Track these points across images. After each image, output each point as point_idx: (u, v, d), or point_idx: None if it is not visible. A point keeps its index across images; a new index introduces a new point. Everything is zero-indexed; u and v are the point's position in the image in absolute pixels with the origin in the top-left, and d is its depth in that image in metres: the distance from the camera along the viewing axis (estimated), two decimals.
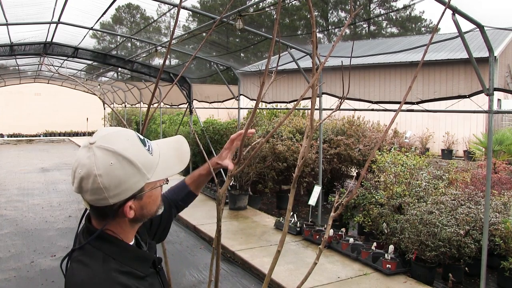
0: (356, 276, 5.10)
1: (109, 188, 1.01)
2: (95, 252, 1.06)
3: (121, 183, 1.02)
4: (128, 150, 1.04)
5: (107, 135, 1.06)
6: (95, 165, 1.01)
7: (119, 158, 1.02)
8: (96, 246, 1.07)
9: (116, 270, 1.04)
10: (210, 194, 9.38)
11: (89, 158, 1.02)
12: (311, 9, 1.27)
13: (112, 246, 1.09)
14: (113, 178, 1.01)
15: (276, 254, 1.49)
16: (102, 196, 1.02)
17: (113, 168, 1.01)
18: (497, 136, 10.38)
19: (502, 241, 4.81)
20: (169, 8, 7.95)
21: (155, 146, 1.14)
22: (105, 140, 1.04)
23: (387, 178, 6.05)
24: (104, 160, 1.01)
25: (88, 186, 1.01)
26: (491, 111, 4.37)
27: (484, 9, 8.38)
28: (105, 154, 1.02)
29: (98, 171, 1.00)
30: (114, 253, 1.08)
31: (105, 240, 1.08)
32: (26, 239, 6.72)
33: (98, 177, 1.00)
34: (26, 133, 25.42)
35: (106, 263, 1.04)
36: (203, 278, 5.35)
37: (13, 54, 8.71)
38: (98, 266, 1.03)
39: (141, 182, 1.06)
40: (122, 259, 1.08)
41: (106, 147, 1.02)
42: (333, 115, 10.13)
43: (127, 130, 1.11)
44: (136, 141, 1.08)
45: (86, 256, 1.06)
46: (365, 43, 16.46)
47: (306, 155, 1.42)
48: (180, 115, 17.11)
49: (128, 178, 1.03)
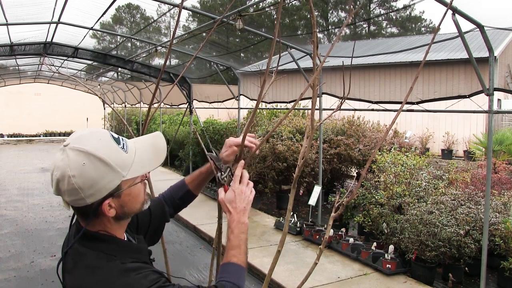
0: (356, 276, 5.10)
1: (84, 188, 1.03)
2: (97, 254, 1.08)
3: (95, 183, 1.04)
4: (100, 149, 1.06)
5: (80, 136, 1.08)
6: (68, 167, 1.03)
7: (91, 157, 1.04)
8: (94, 248, 1.09)
9: (123, 263, 1.07)
10: (210, 194, 9.38)
11: (63, 160, 1.04)
12: (312, 9, 1.27)
13: (109, 244, 1.11)
14: (87, 178, 1.03)
15: (276, 254, 1.50)
16: (79, 196, 1.04)
17: (85, 168, 1.03)
18: (497, 136, 10.38)
19: (502, 241, 4.81)
20: (169, 8, 7.95)
21: (131, 144, 1.15)
22: (78, 141, 1.06)
23: (387, 178, 6.05)
24: (76, 161, 1.03)
25: (64, 187, 1.04)
26: (491, 111, 4.37)
27: (484, 9, 8.32)
28: (77, 155, 1.04)
29: (72, 172, 1.03)
30: (114, 251, 1.10)
31: (100, 240, 1.10)
32: (26, 239, 6.72)
33: (72, 178, 1.02)
34: (26, 133, 25.40)
35: (111, 261, 1.07)
36: (203, 278, 5.35)
37: (13, 54, 8.70)
38: (104, 266, 1.06)
39: (116, 181, 1.07)
40: (122, 254, 1.10)
41: (78, 148, 1.05)
42: (333, 115, 10.13)
43: (101, 130, 1.13)
44: (109, 140, 1.09)
45: (86, 260, 1.07)
46: (365, 43, 16.46)
47: (306, 155, 1.41)
48: (180, 115, 17.12)
49: (101, 177, 1.05)
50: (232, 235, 1.26)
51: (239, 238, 1.26)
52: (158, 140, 1.21)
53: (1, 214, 8.18)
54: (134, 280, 1.03)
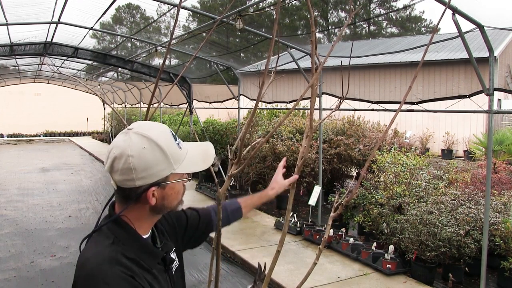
0: (356, 276, 5.10)
1: (138, 170, 1.10)
2: (109, 235, 1.14)
3: (149, 167, 1.11)
4: (160, 138, 1.14)
5: (144, 125, 1.17)
6: (129, 147, 1.10)
7: (152, 143, 1.12)
8: (111, 229, 1.15)
9: (122, 254, 1.09)
10: (210, 194, 9.37)
11: (124, 141, 1.12)
12: (310, 9, 1.27)
13: (124, 232, 1.15)
14: (143, 161, 1.10)
15: (276, 254, 1.49)
16: (130, 177, 1.10)
17: (144, 152, 1.11)
18: (497, 136, 10.38)
19: (502, 241, 4.81)
20: (169, 8, 7.95)
21: (185, 145, 1.24)
22: (142, 128, 1.14)
23: (387, 178, 6.05)
24: (138, 143, 1.11)
25: (119, 165, 1.10)
26: (491, 111, 4.37)
27: (484, 9, 8.37)
28: (140, 138, 1.12)
29: (131, 152, 1.10)
30: (125, 239, 1.14)
31: (119, 226, 1.16)
32: (26, 239, 6.72)
33: (130, 157, 1.09)
34: (26, 133, 25.41)
35: (114, 245, 1.11)
36: (203, 278, 5.35)
37: (13, 54, 8.71)
38: (106, 246, 1.11)
39: (167, 170, 1.14)
40: (130, 247, 1.13)
41: (142, 133, 1.13)
42: (333, 115, 10.12)
43: (163, 125, 1.22)
44: (169, 134, 1.18)
45: (100, 236, 1.14)
46: (365, 43, 16.45)
47: (306, 155, 1.41)
48: (180, 115, 17.12)
49: (156, 163, 1.12)
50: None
51: None
52: (208, 147, 1.31)
53: (1, 214, 8.18)
54: (112, 274, 1.04)
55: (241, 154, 1.49)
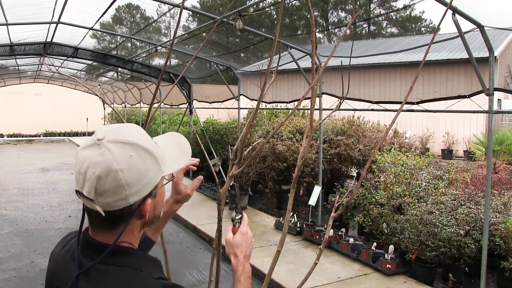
0: (356, 276, 5.10)
1: (131, 184, 0.91)
2: (122, 270, 0.93)
3: (142, 177, 0.93)
4: (142, 140, 0.95)
5: (115, 129, 0.95)
6: (113, 160, 0.89)
7: (138, 149, 0.93)
8: (118, 263, 0.93)
9: (156, 279, 0.95)
10: (210, 194, 9.37)
11: (102, 155, 0.90)
12: (311, 9, 1.27)
13: (135, 258, 0.97)
14: (135, 172, 0.91)
15: (276, 254, 1.50)
16: (123, 195, 0.91)
17: (133, 161, 0.91)
18: (497, 136, 10.38)
19: (502, 241, 4.81)
20: (169, 8, 7.95)
21: (158, 141, 1.07)
22: (116, 134, 0.93)
23: (387, 178, 6.05)
24: (122, 153, 0.91)
25: (106, 186, 0.89)
26: (491, 111, 4.37)
27: (484, 9, 8.40)
28: (121, 147, 0.91)
29: (119, 166, 0.89)
30: (140, 265, 0.96)
31: (124, 253, 0.96)
32: (26, 239, 6.72)
33: (119, 172, 0.89)
34: (26, 133, 25.40)
35: (143, 277, 0.93)
36: (203, 278, 5.35)
37: (13, 54, 8.71)
38: (139, 282, 0.92)
39: (158, 175, 0.98)
40: (149, 269, 0.97)
41: (121, 140, 0.92)
42: (333, 115, 10.13)
43: (132, 124, 1.03)
44: (146, 133, 1.01)
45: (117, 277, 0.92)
46: (365, 43, 16.45)
47: (306, 155, 1.42)
48: (180, 115, 17.15)
49: (148, 171, 0.94)
50: (240, 283, 1.20)
51: (248, 283, 1.22)
52: (178, 138, 1.15)
53: (1, 214, 8.18)
54: None
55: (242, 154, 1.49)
